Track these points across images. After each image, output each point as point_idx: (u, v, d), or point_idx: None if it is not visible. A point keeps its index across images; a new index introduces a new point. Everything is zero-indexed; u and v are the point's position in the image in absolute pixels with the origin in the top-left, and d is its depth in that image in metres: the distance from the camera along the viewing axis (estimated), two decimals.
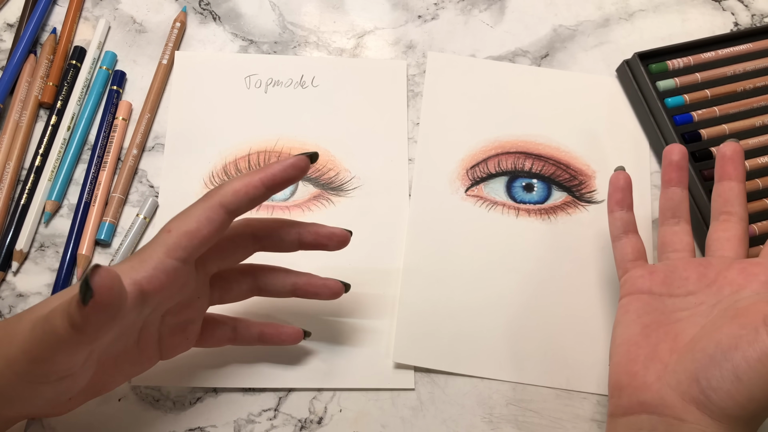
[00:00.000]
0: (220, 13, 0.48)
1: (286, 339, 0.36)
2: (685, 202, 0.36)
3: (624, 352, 0.32)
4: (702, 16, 0.50)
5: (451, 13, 0.49)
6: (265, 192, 0.29)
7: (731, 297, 0.31)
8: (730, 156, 0.36)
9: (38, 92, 0.43)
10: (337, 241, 0.33)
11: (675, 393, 0.29)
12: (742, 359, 0.27)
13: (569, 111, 0.46)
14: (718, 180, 0.36)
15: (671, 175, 0.36)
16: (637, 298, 0.34)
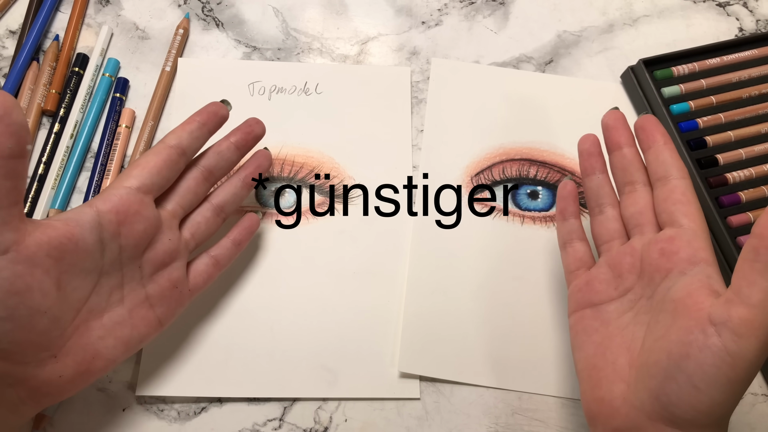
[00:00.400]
0: (223, 20, 0.48)
1: (251, 225, 0.38)
2: (605, 187, 0.34)
3: (587, 378, 0.31)
4: (707, 22, 0.49)
5: (455, 19, 0.49)
6: (201, 127, 0.35)
7: (663, 285, 0.29)
8: (612, 125, 0.34)
9: (41, 100, 0.43)
10: (254, 122, 0.37)
11: (641, 414, 0.28)
12: (696, 367, 0.26)
13: (574, 117, 0.46)
14: (609, 152, 0.34)
15: (584, 165, 0.35)
16: (581, 315, 0.33)
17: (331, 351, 0.38)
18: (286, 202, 0.41)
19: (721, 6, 0.50)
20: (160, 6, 0.48)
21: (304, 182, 0.42)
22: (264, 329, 0.38)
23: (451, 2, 0.49)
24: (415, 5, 0.49)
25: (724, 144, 0.43)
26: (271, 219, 0.41)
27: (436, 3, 0.49)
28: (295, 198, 0.42)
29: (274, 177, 0.42)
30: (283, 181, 0.42)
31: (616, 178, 0.34)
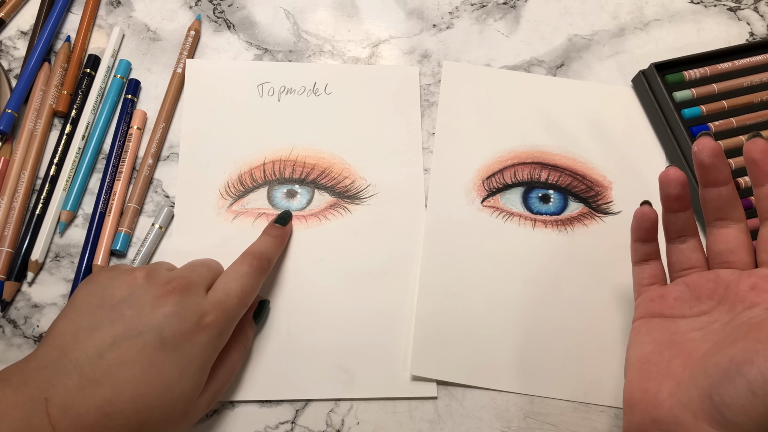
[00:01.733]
0: (234, 22, 0.48)
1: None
2: (690, 221, 0.34)
3: (637, 369, 0.32)
4: (717, 26, 0.49)
5: (466, 22, 0.49)
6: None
7: (744, 314, 0.30)
8: (709, 163, 0.32)
9: (53, 101, 0.43)
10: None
11: (687, 410, 0.28)
12: (758, 374, 0.26)
13: (585, 121, 0.46)
14: (703, 187, 0.33)
15: (672, 205, 0.34)
16: (648, 320, 0.34)
17: (346, 351, 0.38)
18: (298, 203, 0.41)
19: (731, 10, 0.50)
20: (171, 7, 0.48)
21: (315, 183, 0.42)
22: (281, 331, 0.38)
23: (462, 5, 0.49)
24: (426, 8, 0.49)
25: (736, 148, 0.43)
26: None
27: (447, 6, 0.49)
28: (307, 199, 0.42)
29: (286, 178, 0.42)
30: (294, 182, 0.42)
31: (706, 211, 0.33)
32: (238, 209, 0.41)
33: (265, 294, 0.39)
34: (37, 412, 0.26)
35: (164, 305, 0.30)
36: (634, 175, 0.44)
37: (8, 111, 0.42)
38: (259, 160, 0.42)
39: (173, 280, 0.31)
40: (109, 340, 0.29)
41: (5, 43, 0.46)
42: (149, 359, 0.29)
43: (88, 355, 0.28)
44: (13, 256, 0.39)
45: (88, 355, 0.28)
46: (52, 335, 0.30)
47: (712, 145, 0.31)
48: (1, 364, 0.37)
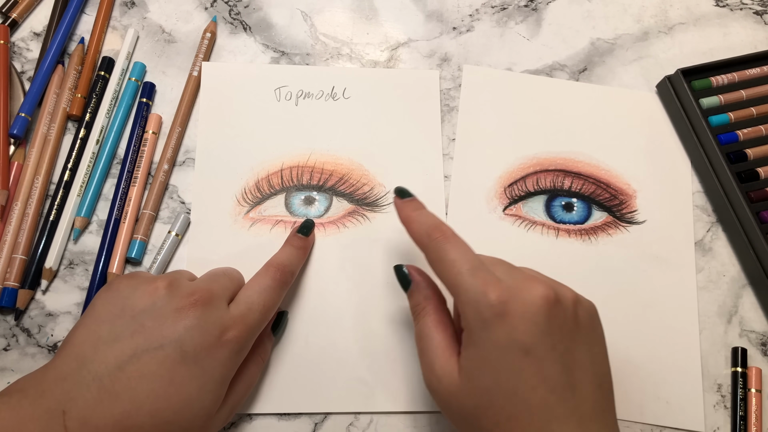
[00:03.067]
0: (250, 23, 0.47)
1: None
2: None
3: None
4: (744, 30, 0.48)
5: (487, 25, 0.48)
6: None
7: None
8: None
9: (66, 104, 0.42)
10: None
11: None
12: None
13: (609, 127, 0.45)
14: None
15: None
16: None
17: (366, 363, 0.37)
18: (316, 210, 0.41)
19: (758, 14, 0.49)
20: (186, 9, 0.47)
21: (334, 190, 0.41)
22: (299, 342, 0.37)
23: (483, 8, 0.48)
24: (446, 10, 0.48)
25: (765, 157, 0.42)
26: None
27: (467, 8, 0.48)
28: (325, 206, 0.41)
29: (303, 185, 0.41)
30: (313, 189, 0.41)
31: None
32: (256, 216, 0.40)
33: (283, 303, 0.38)
34: (55, 426, 0.26)
35: (186, 318, 0.29)
36: (660, 184, 0.43)
37: (22, 114, 0.41)
38: (277, 166, 0.41)
39: (195, 292, 0.31)
40: (130, 352, 0.28)
41: (18, 44, 0.45)
42: (169, 373, 0.28)
43: (107, 367, 0.28)
44: (27, 263, 0.38)
45: (108, 367, 0.28)
46: (70, 345, 0.29)
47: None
48: (16, 374, 0.37)
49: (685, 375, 0.39)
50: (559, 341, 0.28)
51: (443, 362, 0.30)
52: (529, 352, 0.27)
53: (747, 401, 0.38)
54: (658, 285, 0.41)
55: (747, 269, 0.41)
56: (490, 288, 0.28)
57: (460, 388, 0.29)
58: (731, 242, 0.42)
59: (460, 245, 0.31)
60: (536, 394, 0.27)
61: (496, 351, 0.28)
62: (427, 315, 0.32)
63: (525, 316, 0.27)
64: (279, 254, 0.36)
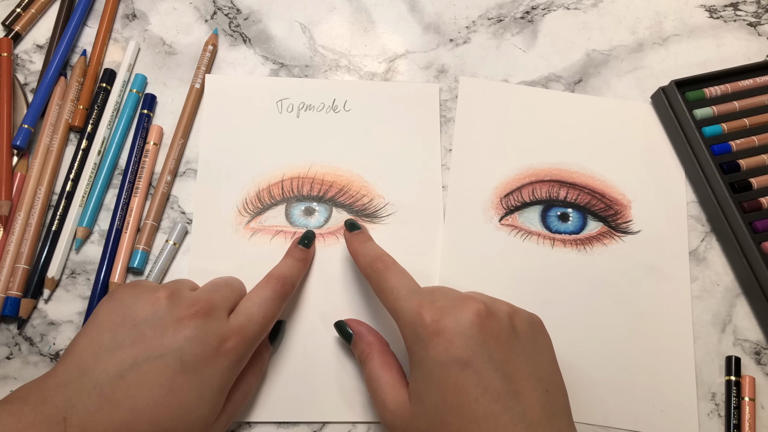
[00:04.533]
0: (250, 36, 0.47)
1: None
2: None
3: None
4: (737, 42, 0.49)
5: (483, 37, 0.48)
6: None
7: None
8: None
9: (69, 116, 0.43)
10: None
11: None
12: None
13: (603, 138, 0.45)
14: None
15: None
16: None
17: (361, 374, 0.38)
18: (316, 221, 0.41)
19: (752, 26, 0.50)
20: (186, 21, 0.48)
21: (333, 201, 0.42)
22: (297, 351, 0.38)
23: (479, 20, 0.49)
24: (443, 22, 0.49)
25: (758, 167, 0.43)
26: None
27: (464, 20, 0.49)
28: (325, 217, 0.41)
29: (304, 196, 0.42)
30: (312, 200, 0.42)
31: None
32: (256, 226, 0.41)
33: (282, 313, 0.39)
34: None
35: (186, 328, 0.30)
36: (654, 194, 0.44)
37: (25, 126, 0.42)
38: (278, 177, 0.42)
39: (196, 303, 0.31)
40: (130, 360, 0.29)
41: (21, 56, 0.45)
42: (169, 382, 0.29)
43: (108, 375, 0.28)
44: (29, 273, 0.39)
45: (109, 375, 0.28)
46: (72, 353, 0.29)
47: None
48: (18, 382, 0.37)
49: (679, 383, 0.39)
50: (496, 351, 0.29)
51: (393, 397, 0.31)
52: (467, 365, 0.28)
53: (741, 410, 0.39)
54: (653, 294, 0.41)
55: (740, 278, 0.42)
56: (424, 309, 0.30)
57: (413, 414, 0.30)
58: (725, 252, 0.43)
59: (398, 273, 0.33)
60: (480, 404, 0.28)
61: (438, 368, 0.29)
62: (371, 360, 0.34)
63: (458, 330, 0.29)
64: (280, 266, 0.37)
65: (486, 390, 0.28)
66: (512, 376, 0.29)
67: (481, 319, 0.29)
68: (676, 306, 0.41)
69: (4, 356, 0.38)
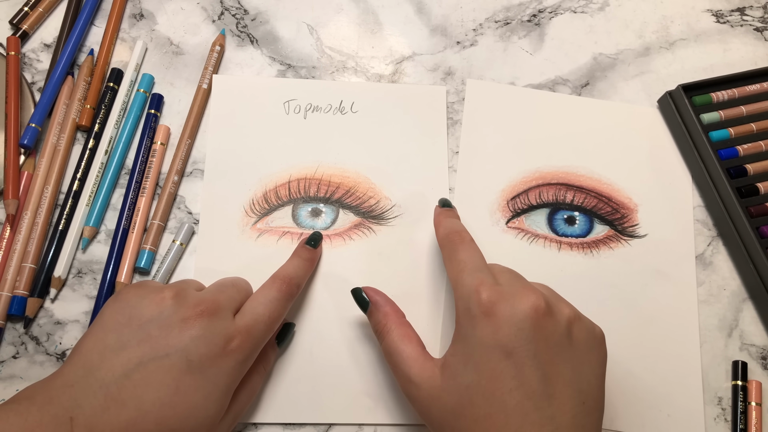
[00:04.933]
0: (257, 36, 0.47)
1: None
2: None
3: None
4: (744, 47, 0.49)
5: (490, 40, 0.48)
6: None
7: None
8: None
9: (76, 115, 0.43)
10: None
11: None
12: None
13: (610, 142, 0.45)
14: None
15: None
16: None
17: (370, 376, 0.38)
18: (322, 222, 0.41)
19: (758, 30, 0.50)
20: (194, 21, 0.48)
21: (340, 203, 0.42)
22: (304, 353, 0.38)
23: (486, 22, 0.49)
24: (450, 25, 0.49)
25: (765, 172, 0.43)
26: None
27: (471, 23, 0.49)
28: (332, 219, 0.41)
29: (311, 197, 0.42)
30: (319, 201, 0.42)
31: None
32: (263, 227, 0.41)
33: (288, 315, 0.39)
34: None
35: (192, 328, 0.30)
36: (661, 198, 0.44)
37: (32, 125, 0.42)
38: (285, 178, 0.42)
39: (202, 303, 0.31)
40: (136, 360, 0.29)
41: (29, 55, 0.45)
42: (175, 382, 0.29)
43: (114, 375, 0.28)
44: (36, 272, 0.39)
45: (115, 375, 0.28)
46: (78, 353, 0.29)
47: None
48: (24, 381, 0.37)
49: (685, 388, 0.39)
50: (542, 350, 0.28)
51: (419, 370, 0.31)
52: (510, 355, 0.28)
53: (747, 414, 0.39)
54: (659, 298, 0.41)
55: (747, 283, 0.42)
56: (483, 288, 0.30)
57: (443, 388, 0.30)
58: (732, 256, 0.43)
59: (472, 249, 0.33)
60: (512, 397, 0.28)
61: (480, 349, 0.29)
62: (390, 331, 0.33)
63: (511, 320, 0.28)
64: (286, 266, 0.36)
65: (522, 384, 0.28)
66: (552, 378, 0.28)
67: (537, 314, 0.29)
68: (683, 310, 0.41)
69: (11, 355, 0.38)
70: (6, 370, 0.37)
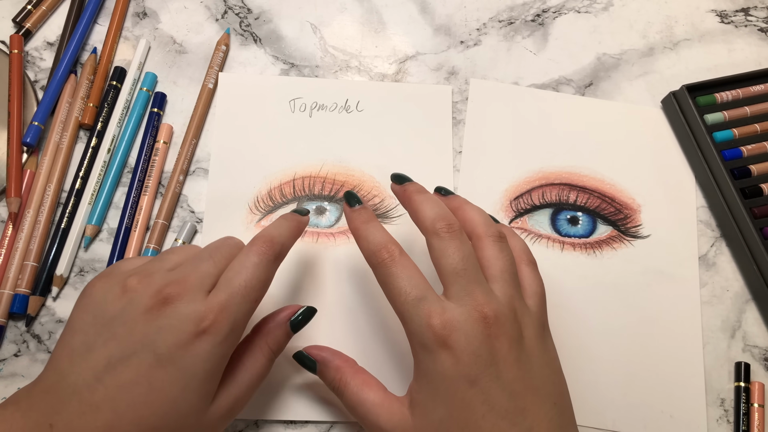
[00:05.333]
0: (261, 35, 0.47)
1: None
2: None
3: None
4: (748, 47, 0.49)
5: (494, 39, 0.48)
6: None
7: None
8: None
9: (78, 113, 0.43)
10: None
11: None
12: None
13: (614, 142, 0.45)
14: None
15: None
16: None
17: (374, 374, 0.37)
18: (326, 220, 0.41)
19: (763, 31, 0.50)
20: (197, 20, 0.48)
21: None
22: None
23: (490, 22, 0.49)
24: (453, 24, 0.49)
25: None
26: (312, 238, 0.41)
27: (474, 23, 0.49)
28: (336, 217, 0.41)
29: (315, 195, 0.42)
30: (324, 199, 0.42)
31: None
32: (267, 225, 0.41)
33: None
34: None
35: (156, 318, 0.28)
36: (664, 199, 0.44)
37: (35, 123, 0.42)
38: (289, 176, 0.42)
39: (168, 285, 0.29)
40: (104, 362, 0.27)
41: (31, 53, 0.45)
42: (147, 379, 0.27)
43: (85, 379, 0.27)
44: (38, 270, 0.39)
45: (85, 379, 0.27)
46: (52, 358, 0.29)
47: None
48: (26, 380, 0.37)
49: (688, 389, 0.39)
50: (504, 370, 0.28)
51: (387, 415, 0.31)
52: (475, 383, 0.28)
53: (750, 416, 0.39)
54: (662, 299, 0.41)
55: (750, 284, 0.42)
56: (433, 319, 0.29)
57: (416, 428, 0.29)
58: (735, 257, 0.43)
59: (407, 269, 0.31)
60: (487, 421, 0.28)
61: (445, 382, 0.28)
62: (347, 384, 0.32)
63: (467, 348, 0.28)
64: (268, 227, 0.33)
65: (493, 408, 0.28)
66: (520, 393, 0.28)
67: (489, 330, 0.28)
68: (686, 311, 0.41)
69: (12, 353, 0.38)
70: (8, 368, 0.37)
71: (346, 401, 0.32)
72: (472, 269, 0.30)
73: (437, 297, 0.30)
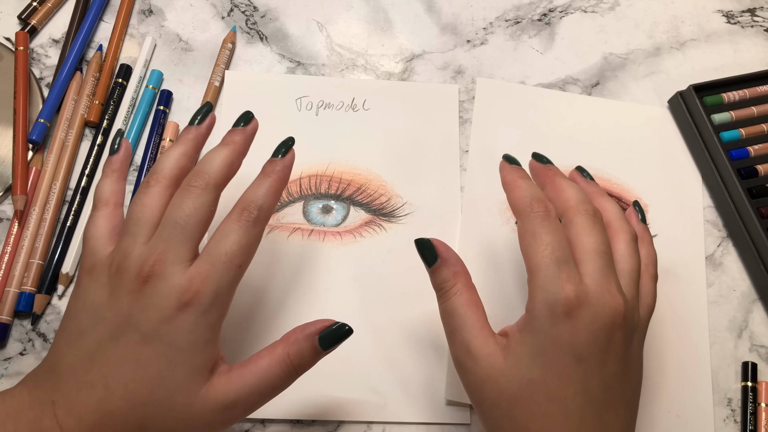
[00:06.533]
0: (267, 33, 0.47)
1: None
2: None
3: None
4: (755, 47, 0.49)
5: (500, 39, 0.48)
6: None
7: None
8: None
9: (84, 111, 0.43)
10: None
11: None
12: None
13: (620, 142, 0.45)
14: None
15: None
16: None
17: (380, 373, 0.37)
18: (333, 219, 0.41)
19: None
20: (203, 18, 0.47)
21: (351, 200, 0.41)
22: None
23: (497, 21, 0.49)
24: (460, 23, 0.49)
25: None
26: (319, 237, 0.41)
27: (481, 22, 0.49)
28: (342, 215, 0.41)
29: (322, 194, 0.41)
30: (330, 198, 0.41)
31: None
32: (273, 223, 0.41)
33: (298, 311, 0.39)
34: (47, 413, 0.27)
35: (139, 298, 0.28)
36: (671, 199, 0.44)
37: (40, 121, 0.41)
38: (296, 174, 0.42)
39: (145, 264, 0.29)
40: (95, 343, 0.29)
41: (37, 51, 0.45)
42: (134, 356, 0.28)
43: (79, 359, 0.29)
44: (43, 268, 0.39)
45: (80, 359, 0.29)
46: (53, 342, 0.30)
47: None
48: None
49: (695, 389, 0.39)
50: (610, 362, 0.29)
51: (481, 343, 0.30)
52: (581, 362, 0.28)
53: (757, 416, 0.39)
54: (669, 299, 0.41)
55: (757, 284, 0.42)
56: (570, 285, 0.29)
57: (503, 373, 0.29)
58: (742, 257, 0.43)
59: (558, 231, 0.30)
60: (575, 401, 0.28)
61: (553, 348, 0.28)
62: (458, 293, 0.31)
63: (590, 327, 0.28)
64: (248, 189, 0.32)
65: (586, 391, 0.28)
66: (613, 388, 0.29)
67: (614, 325, 0.29)
68: (692, 311, 0.41)
69: (18, 352, 0.37)
70: (13, 366, 0.37)
71: (447, 307, 0.31)
72: (611, 256, 0.31)
73: (576, 267, 0.30)
